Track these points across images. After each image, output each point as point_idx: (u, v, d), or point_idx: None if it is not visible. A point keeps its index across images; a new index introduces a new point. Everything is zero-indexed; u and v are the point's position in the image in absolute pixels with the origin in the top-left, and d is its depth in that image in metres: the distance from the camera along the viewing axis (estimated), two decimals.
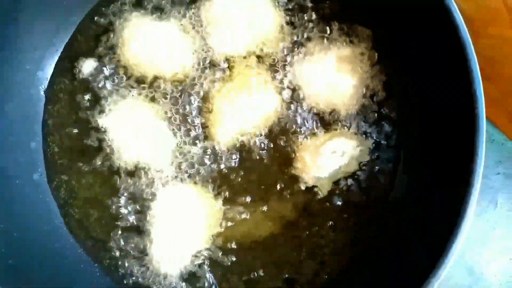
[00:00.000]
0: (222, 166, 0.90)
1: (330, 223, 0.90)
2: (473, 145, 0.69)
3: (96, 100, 0.93)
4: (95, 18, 0.95)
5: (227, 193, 0.90)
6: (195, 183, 0.90)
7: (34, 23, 0.89)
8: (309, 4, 0.93)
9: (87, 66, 0.94)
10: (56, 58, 0.95)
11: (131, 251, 0.89)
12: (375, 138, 0.90)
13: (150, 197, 0.89)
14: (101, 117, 0.91)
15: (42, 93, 0.94)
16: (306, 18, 0.92)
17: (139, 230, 0.90)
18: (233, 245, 0.90)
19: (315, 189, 0.89)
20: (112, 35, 0.94)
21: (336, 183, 0.89)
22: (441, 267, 0.68)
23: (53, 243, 0.89)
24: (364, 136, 0.90)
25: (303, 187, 0.89)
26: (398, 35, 0.87)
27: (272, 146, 0.90)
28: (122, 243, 0.90)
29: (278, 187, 0.90)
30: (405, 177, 0.90)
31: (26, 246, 0.85)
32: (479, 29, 0.92)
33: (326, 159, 0.87)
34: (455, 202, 0.70)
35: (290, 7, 0.93)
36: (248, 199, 0.90)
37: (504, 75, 0.96)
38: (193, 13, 0.93)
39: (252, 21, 0.89)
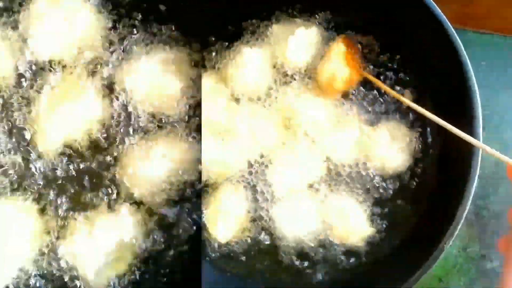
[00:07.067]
0: (47, 175, 0.86)
1: None
2: None
3: None
4: None
5: (53, 205, 0.85)
6: (17, 196, 0.84)
7: None
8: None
9: None
10: None
11: None
12: None
13: None
14: None
15: None
16: (131, 21, 0.90)
17: None
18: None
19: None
20: None
21: None
22: None
23: None
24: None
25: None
26: None
27: (98, 153, 0.87)
28: None
29: (105, 195, 0.86)
30: None
31: None
32: None
33: (152, 164, 0.84)
34: None
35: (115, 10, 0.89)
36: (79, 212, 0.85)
37: None
38: (10, 19, 0.88)
39: (72, 23, 0.86)
